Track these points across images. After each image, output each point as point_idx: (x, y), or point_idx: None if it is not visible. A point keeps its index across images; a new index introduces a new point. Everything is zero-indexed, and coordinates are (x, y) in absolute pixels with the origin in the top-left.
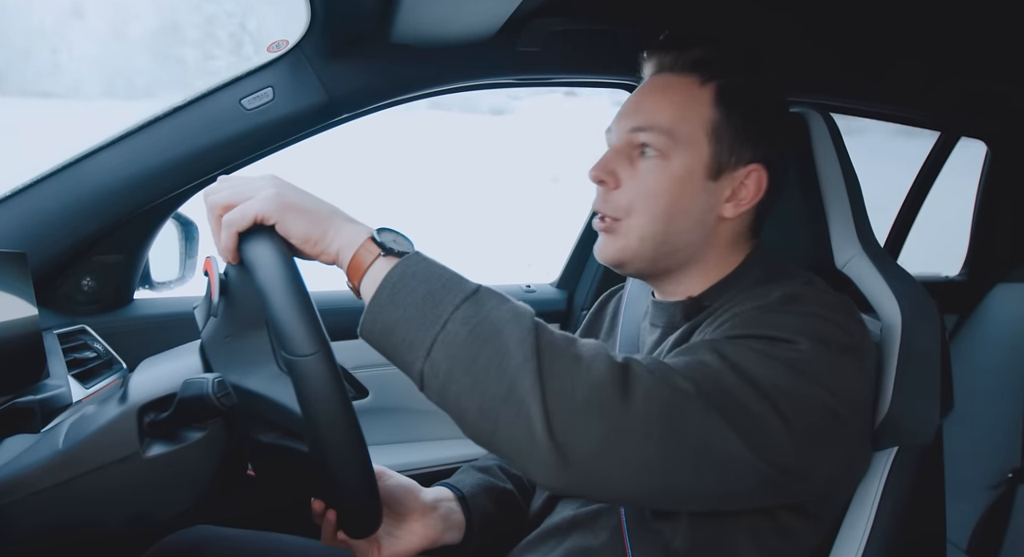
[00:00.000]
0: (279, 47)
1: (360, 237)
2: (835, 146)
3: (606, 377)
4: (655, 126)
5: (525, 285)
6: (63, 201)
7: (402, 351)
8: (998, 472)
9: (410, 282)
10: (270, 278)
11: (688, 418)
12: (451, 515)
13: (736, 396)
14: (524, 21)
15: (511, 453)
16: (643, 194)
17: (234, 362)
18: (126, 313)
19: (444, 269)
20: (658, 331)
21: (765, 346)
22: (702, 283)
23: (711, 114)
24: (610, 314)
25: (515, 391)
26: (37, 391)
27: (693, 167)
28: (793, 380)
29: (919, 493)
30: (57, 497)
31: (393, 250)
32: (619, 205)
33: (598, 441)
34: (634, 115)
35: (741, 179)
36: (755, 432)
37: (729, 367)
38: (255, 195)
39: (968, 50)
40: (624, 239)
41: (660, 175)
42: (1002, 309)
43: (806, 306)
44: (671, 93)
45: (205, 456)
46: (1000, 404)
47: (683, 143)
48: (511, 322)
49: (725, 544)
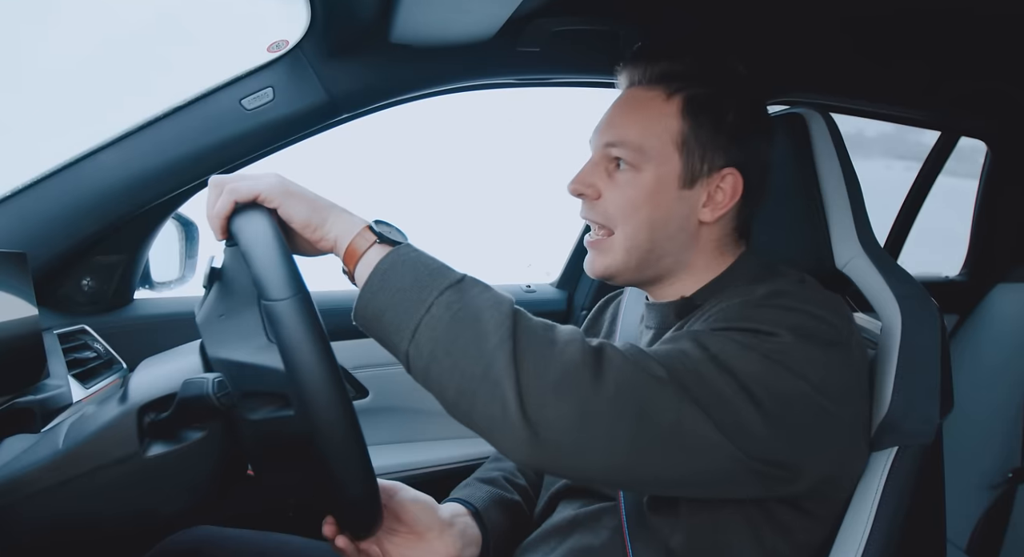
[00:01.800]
0: (279, 47)
1: (357, 226)
2: (835, 146)
3: (578, 359)
4: (625, 142)
5: (525, 285)
6: (63, 201)
7: (390, 334)
8: (998, 472)
9: (400, 269)
10: (254, 237)
11: (659, 401)
12: (468, 530)
13: (711, 382)
14: (524, 21)
15: (486, 429)
16: (623, 206)
17: (225, 339)
18: (126, 313)
19: (433, 259)
20: (651, 332)
21: (746, 338)
22: (693, 284)
23: (678, 126)
24: (609, 317)
25: (491, 371)
26: (37, 391)
27: (665, 178)
28: (771, 370)
29: (919, 493)
30: (57, 497)
31: (387, 239)
32: (606, 212)
33: (569, 420)
34: (607, 130)
35: (716, 184)
36: (728, 418)
37: (707, 356)
38: (261, 179)
39: (969, 50)
40: (611, 254)
41: (635, 187)
42: (1002, 309)
43: (791, 301)
44: (639, 108)
45: (205, 456)
46: (1000, 404)
47: (653, 157)
48: (491, 308)
49: (724, 542)
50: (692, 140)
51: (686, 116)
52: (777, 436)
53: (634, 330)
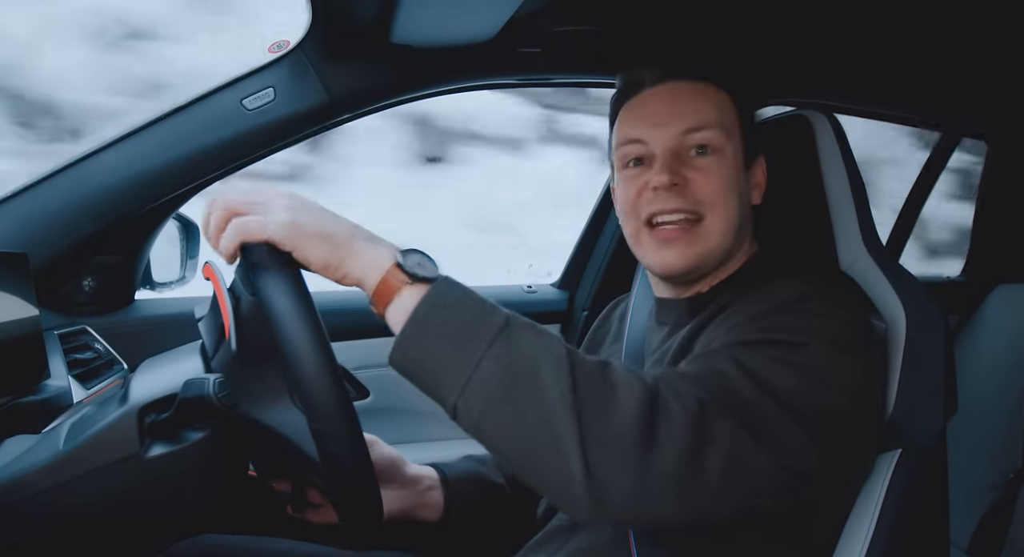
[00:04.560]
0: (280, 47)
1: (384, 262)
2: (839, 147)
3: (639, 410)
4: (709, 123)
5: (526, 286)
6: (64, 202)
7: (434, 385)
8: (999, 473)
9: (440, 313)
10: (280, 319)
11: (716, 437)
12: (428, 494)
13: (757, 408)
14: (525, 22)
15: (547, 486)
16: (716, 188)
17: (248, 392)
18: (127, 314)
19: (472, 298)
20: (665, 328)
21: (780, 352)
22: (710, 279)
23: (734, 112)
24: (617, 319)
25: (552, 427)
26: (38, 392)
27: (739, 158)
28: (808, 385)
29: (923, 495)
30: (58, 497)
31: (419, 276)
32: (699, 199)
33: (633, 475)
34: (678, 120)
35: (758, 168)
36: (777, 442)
37: (747, 376)
38: (269, 212)
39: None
40: (704, 241)
41: (723, 168)
42: (1003, 310)
43: (816, 305)
44: (703, 96)
45: (205, 456)
46: (1001, 405)
47: (730, 137)
48: (545, 355)
49: (729, 541)
50: (745, 125)
51: (737, 104)
52: (819, 449)
53: (643, 329)
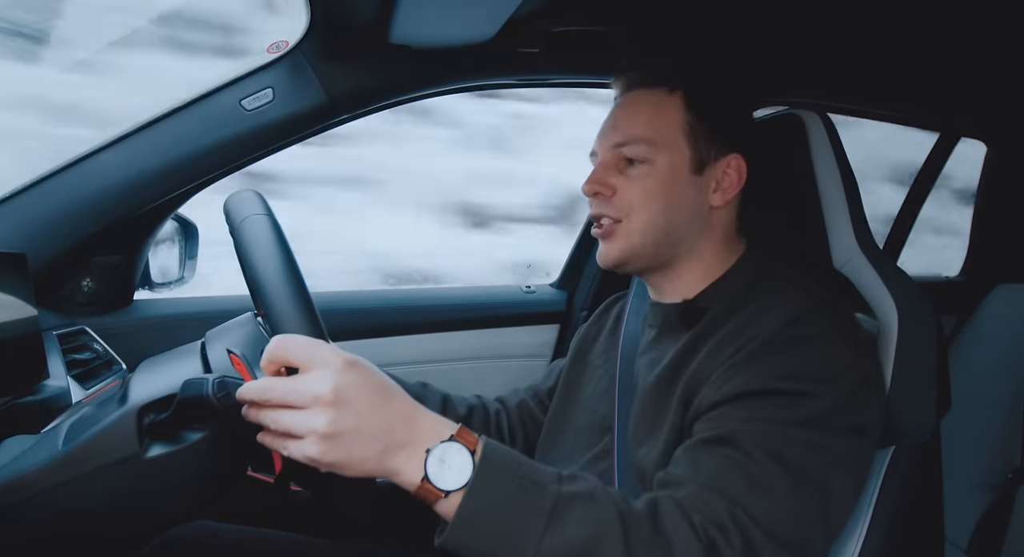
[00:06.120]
0: (279, 48)
1: (414, 477)
2: (832, 147)
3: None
4: (634, 138)
5: (525, 286)
6: (63, 202)
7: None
8: (998, 472)
9: (485, 513)
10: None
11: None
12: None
13: (770, 484)
14: (524, 22)
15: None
16: (639, 195)
17: None
18: (126, 314)
19: (513, 483)
20: (654, 331)
21: (782, 411)
22: (699, 282)
23: (683, 116)
24: (614, 316)
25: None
26: (37, 392)
27: (677, 165)
28: (817, 440)
29: (916, 492)
30: (57, 498)
31: (449, 491)
32: (620, 206)
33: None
34: (613, 133)
35: (723, 169)
36: (789, 510)
37: (769, 456)
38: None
39: (968, 50)
40: (626, 239)
41: (651, 178)
42: (1002, 310)
43: (810, 330)
44: (643, 106)
45: (205, 457)
46: (1000, 404)
47: (663, 146)
48: (599, 538)
49: None
50: (698, 128)
51: (690, 107)
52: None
53: (637, 329)
